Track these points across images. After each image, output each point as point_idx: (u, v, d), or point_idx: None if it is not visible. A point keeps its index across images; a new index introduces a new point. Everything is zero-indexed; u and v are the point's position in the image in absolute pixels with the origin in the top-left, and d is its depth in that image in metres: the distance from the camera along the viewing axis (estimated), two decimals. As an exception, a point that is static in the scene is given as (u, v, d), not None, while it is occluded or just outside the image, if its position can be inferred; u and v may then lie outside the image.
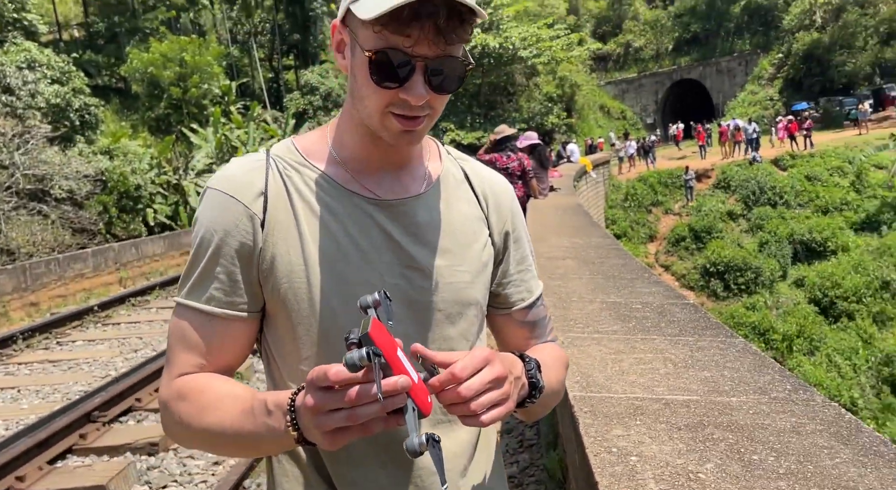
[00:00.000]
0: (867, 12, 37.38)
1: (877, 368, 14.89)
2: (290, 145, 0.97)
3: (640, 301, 3.31)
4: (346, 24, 0.88)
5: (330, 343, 0.89)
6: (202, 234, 0.90)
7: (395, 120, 0.86)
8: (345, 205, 0.92)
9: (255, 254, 0.89)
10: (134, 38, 34.39)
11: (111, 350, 7.31)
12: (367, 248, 0.91)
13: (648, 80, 47.42)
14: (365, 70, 0.84)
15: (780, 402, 1.90)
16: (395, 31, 0.80)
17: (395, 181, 0.96)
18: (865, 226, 20.53)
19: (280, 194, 0.91)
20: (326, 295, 0.89)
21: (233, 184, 0.90)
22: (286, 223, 0.90)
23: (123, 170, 18.89)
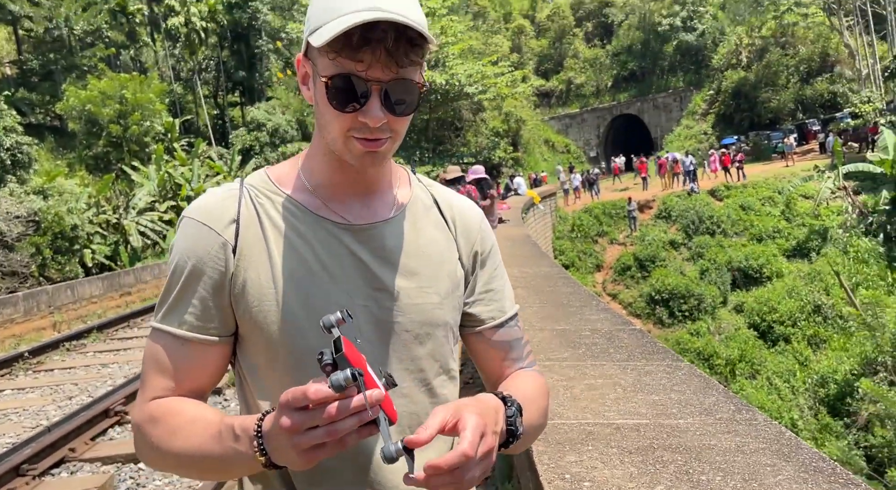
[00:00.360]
0: (788, 53, 39.92)
1: (813, 390, 15.42)
2: (263, 175, 1.01)
3: (589, 328, 3.36)
4: (308, 57, 0.92)
5: (301, 363, 0.91)
6: (177, 261, 0.94)
7: (357, 143, 0.89)
8: (314, 230, 0.95)
9: (227, 279, 0.93)
10: (71, 75, 33.52)
11: (43, 398, 6.91)
12: (336, 271, 0.94)
13: (590, 115, 49.11)
14: (324, 96, 0.88)
15: (725, 423, 1.94)
16: (348, 57, 0.84)
17: (364, 207, 0.99)
18: (796, 252, 21.53)
19: (252, 221, 0.95)
20: (296, 317, 0.91)
21: (206, 212, 0.94)
22: (257, 248, 0.93)
23: (58, 210, 18.17)
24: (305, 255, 0.94)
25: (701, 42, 45.43)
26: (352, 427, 0.72)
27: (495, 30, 50.17)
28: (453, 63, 34.53)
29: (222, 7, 38.73)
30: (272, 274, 0.93)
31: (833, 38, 38.28)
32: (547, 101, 51.41)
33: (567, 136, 49.26)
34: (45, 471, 4.73)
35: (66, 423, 5.48)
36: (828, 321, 17.94)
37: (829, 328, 17.69)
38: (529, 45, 52.52)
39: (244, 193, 0.97)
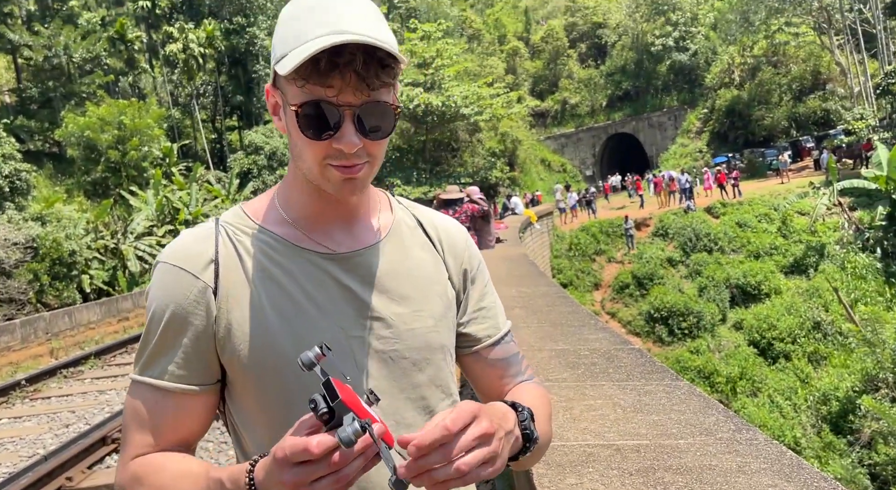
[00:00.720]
0: (780, 71, 40.40)
1: (815, 407, 15.33)
2: (238, 211, 0.98)
3: (587, 347, 3.36)
4: (277, 87, 0.89)
5: (297, 406, 0.85)
6: (154, 308, 0.90)
7: (334, 170, 0.86)
8: (298, 262, 0.92)
9: (209, 324, 0.89)
10: (69, 102, 33.77)
11: (40, 426, 6.85)
12: (325, 304, 0.91)
13: (586, 135, 49.50)
14: (295, 126, 0.85)
15: (726, 443, 1.94)
16: (317, 83, 0.82)
17: (347, 234, 0.97)
18: (794, 269, 21.54)
19: (231, 260, 0.91)
20: (288, 357, 0.86)
21: (181, 255, 0.90)
22: (240, 288, 0.89)
23: (57, 235, 18.19)
24: (291, 290, 0.90)
25: (694, 61, 46.00)
26: (359, 467, 0.69)
27: (490, 52, 50.81)
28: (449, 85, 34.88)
29: (220, 33, 39.19)
30: (258, 313, 0.88)
31: (824, 57, 38.77)
32: (542, 121, 51.86)
33: (563, 156, 49.60)
34: (41, 500, 4.68)
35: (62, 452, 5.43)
36: (828, 338, 17.90)
37: (830, 345, 17.65)
38: (524, 67, 53.12)
39: (220, 232, 0.93)
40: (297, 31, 0.84)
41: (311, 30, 0.82)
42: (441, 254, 1.04)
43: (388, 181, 34.31)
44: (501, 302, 1.13)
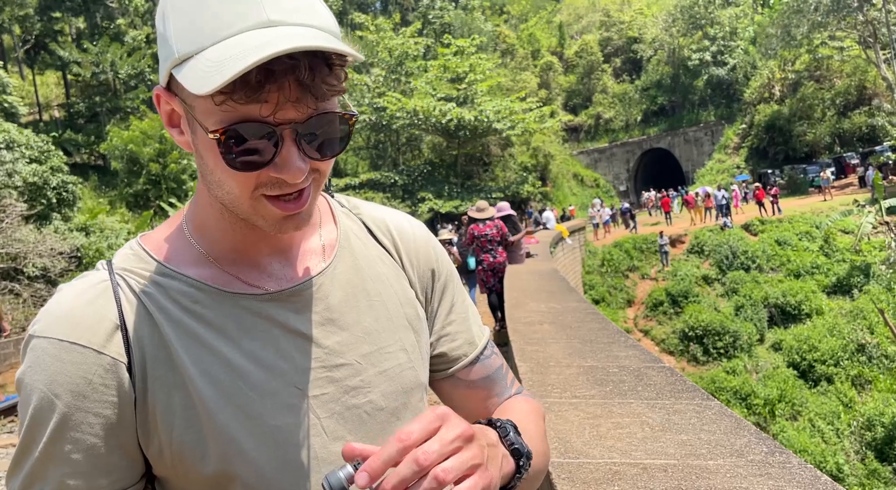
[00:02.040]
0: (823, 86, 39.55)
1: (859, 433, 14.81)
2: (138, 251, 0.73)
3: (616, 365, 3.32)
4: (173, 91, 0.67)
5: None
6: (35, 403, 0.64)
7: (270, 205, 0.66)
8: (229, 313, 0.71)
9: (126, 412, 0.66)
10: (114, 117, 35.01)
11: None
12: (274, 362, 0.70)
13: (619, 150, 49.13)
14: (214, 152, 0.63)
15: (757, 465, 1.89)
16: (245, 100, 0.60)
17: (286, 265, 0.76)
18: (837, 289, 20.92)
19: (141, 322, 0.68)
20: (234, 440, 0.67)
21: (70, 324, 0.65)
22: (158, 360, 0.67)
23: (100, 245, 18.77)
24: (224, 351, 0.69)
25: (732, 76, 45.38)
26: None
27: (523, 67, 50.92)
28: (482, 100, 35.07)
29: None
30: (188, 390, 0.67)
31: (870, 71, 37.85)
32: (575, 136, 51.68)
33: (596, 171, 49.28)
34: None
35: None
36: (872, 361, 17.30)
37: (875, 368, 17.06)
38: (558, 81, 53.09)
39: (119, 284, 0.69)
40: (203, 21, 0.61)
41: (226, 21, 0.60)
42: (399, 262, 0.85)
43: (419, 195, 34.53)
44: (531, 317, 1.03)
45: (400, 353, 0.79)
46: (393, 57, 38.65)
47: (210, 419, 0.67)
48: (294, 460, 0.69)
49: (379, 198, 34.35)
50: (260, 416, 0.68)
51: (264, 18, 0.60)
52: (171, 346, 0.68)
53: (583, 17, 59.51)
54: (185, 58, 0.62)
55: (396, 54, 38.18)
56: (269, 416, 0.68)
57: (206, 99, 0.61)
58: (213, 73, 0.58)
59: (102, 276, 0.70)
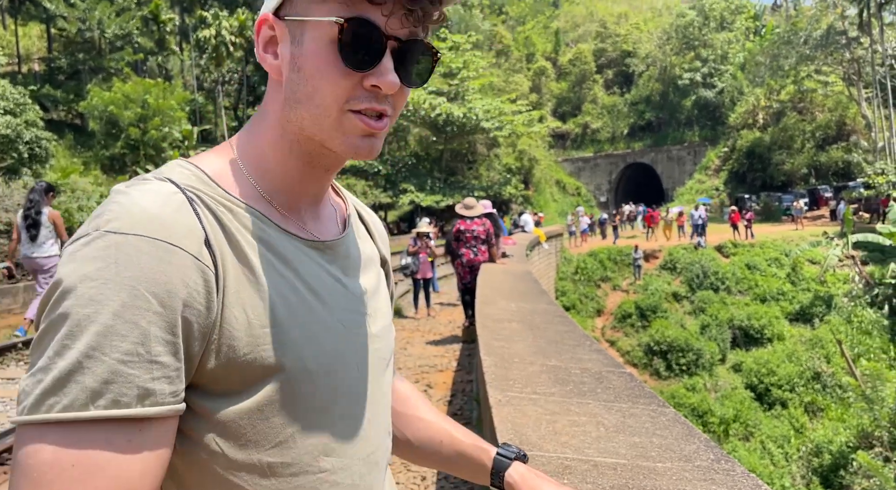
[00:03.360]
0: (805, 118, 40.37)
1: (807, 458, 15.18)
2: (199, 174, 0.72)
3: (579, 366, 3.35)
4: (281, 16, 0.71)
5: (309, 417, 0.72)
6: (123, 300, 0.59)
7: (356, 119, 0.70)
8: (289, 249, 0.74)
9: (208, 321, 0.65)
10: (97, 76, 34.23)
11: (29, 390, 6.89)
12: (325, 295, 0.75)
13: (604, 161, 49.58)
14: (325, 53, 0.68)
15: (703, 471, 1.93)
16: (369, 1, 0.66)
17: (317, 220, 0.81)
18: (799, 316, 21.39)
19: (219, 238, 0.68)
20: (301, 358, 0.70)
21: (164, 226, 0.63)
22: (241, 276, 0.68)
23: (69, 206, 18.36)
24: (292, 279, 0.72)
25: (719, 99, 46.07)
26: None
27: (517, 69, 51.07)
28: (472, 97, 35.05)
29: (252, 23, 39.66)
30: (265, 308, 0.69)
31: (851, 108, 38.72)
32: (562, 143, 52.00)
33: (579, 179, 49.67)
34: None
35: (48, 417, 5.43)
36: (826, 389, 17.73)
37: (828, 397, 17.49)
38: (549, 87, 53.34)
39: (194, 200, 0.68)
40: None
41: None
42: (376, 244, 0.94)
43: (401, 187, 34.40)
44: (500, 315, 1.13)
45: (386, 317, 0.88)
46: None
47: (284, 336, 0.69)
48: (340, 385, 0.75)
49: (361, 186, 34.13)
50: (320, 340, 0.73)
51: None
52: (250, 265, 0.69)
53: (580, 25, 59.85)
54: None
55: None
56: (325, 342, 0.74)
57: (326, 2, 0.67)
58: None
59: (172, 188, 0.67)
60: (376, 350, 0.83)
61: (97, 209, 0.65)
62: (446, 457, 0.98)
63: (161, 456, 0.62)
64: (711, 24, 48.69)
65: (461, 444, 0.97)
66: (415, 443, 0.99)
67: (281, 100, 0.73)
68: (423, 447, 0.99)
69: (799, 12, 50.02)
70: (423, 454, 1.00)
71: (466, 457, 0.96)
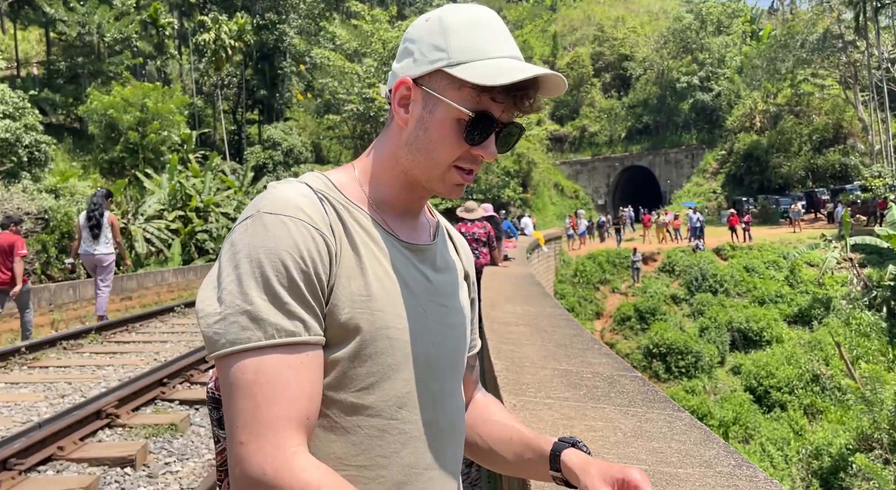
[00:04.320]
0: (802, 121, 40.49)
1: (807, 461, 15.21)
2: (326, 182, 0.95)
3: (590, 370, 3.38)
4: (421, 84, 0.92)
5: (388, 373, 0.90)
6: (283, 258, 0.83)
7: (456, 173, 0.94)
8: (388, 246, 0.94)
9: (329, 281, 0.87)
10: (96, 80, 34.16)
11: (35, 394, 6.87)
12: (413, 286, 0.95)
13: (601, 164, 49.62)
14: (451, 127, 0.91)
15: (726, 477, 1.95)
16: (494, 99, 0.89)
17: (413, 229, 1.01)
18: (798, 319, 21.45)
19: (339, 229, 0.91)
20: (386, 326, 0.90)
21: (307, 213, 0.87)
22: (351, 257, 0.90)
23: (68, 209, 18.32)
24: (388, 267, 0.93)
25: (716, 102, 46.17)
26: None
27: (516, 73, 51.03)
28: (472, 101, 35.10)
29: (251, 27, 39.67)
30: (365, 284, 0.89)
31: (848, 111, 38.85)
32: (560, 146, 52.04)
33: (577, 182, 49.70)
34: (31, 467, 4.69)
35: (56, 421, 5.44)
36: (826, 392, 17.78)
37: (827, 399, 17.53)
38: (547, 91, 53.35)
39: (323, 200, 0.92)
40: (478, 44, 0.90)
41: (492, 47, 0.90)
42: (462, 262, 1.12)
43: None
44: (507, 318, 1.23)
45: (465, 317, 1.06)
46: (386, 49, 38.48)
47: (377, 307, 0.89)
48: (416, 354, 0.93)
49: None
50: (403, 316, 0.92)
51: (515, 53, 0.92)
52: (358, 251, 0.91)
53: (577, 29, 59.97)
54: (460, 63, 0.89)
55: (390, 47, 38.03)
56: (408, 318, 0.92)
57: (463, 90, 0.89)
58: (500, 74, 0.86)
59: (307, 189, 0.91)
60: (451, 337, 1.00)
61: (256, 198, 0.90)
62: (515, 452, 1.08)
63: (321, 373, 0.85)
64: (708, 28, 48.82)
65: (525, 436, 1.08)
66: (490, 444, 1.12)
67: (399, 141, 0.96)
68: (497, 447, 1.11)
69: (795, 16, 50.21)
70: (495, 455, 1.11)
71: (531, 447, 1.06)
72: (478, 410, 1.15)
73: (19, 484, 4.44)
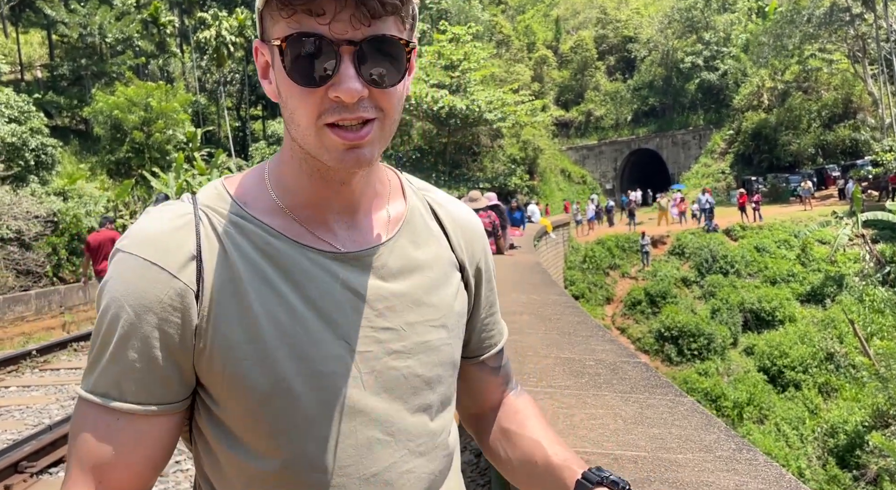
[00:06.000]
0: (810, 97, 39.97)
1: (822, 439, 15.15)
2: (221, 192, 0.78)
3: (593, 358, 3.35)
4: (266, 40, 0.72)
5: (290, 435, 0.74)
6: (112, 312, 0.71)
7: (332, 134, 0.70)
8: (298, 263, 0.76)
9: (187, 335, 0.72)
10: (99, 81, 34.26)
11: (47, 397, 6.94)
12: (329, 312, 0.76)
13: (608, 148, 49.30)
14: (281, 71, 0.69)
15: (725, 461, 1.92)
16: (305, 11, 0.66)
17: (353, 229, 0.81)
18: (810, 298, 21.28)
19: (216, 257, 0.73)
20: (284, 377, 0.73)
21: (153, 246, 0.71)
22: (226, 293, 0.73)
23: (77, 211, 18.45)
24: (290, 297, 0.74)
25: (723, 82, 45.66)
26: None
27: (518, 58, 50.74)
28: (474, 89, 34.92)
29: (252, 23, 39.59)
30: (251, 324, 0.72)
31: (857, 86, 38.30)
32: (566, 132, 51.72)
33: (584, 168, 49.43)
34: (43, 469, 4.74)
35: (67, 423, 5.49)
36: (840, 370, 17.66)
37: (841, 377, 17.42)
38: (551, 76, 53.02)
39: (202, 219, 0.75)
40: None
41: None
42: (455, 249, 0.90)
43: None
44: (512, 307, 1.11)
45: (442, 330, 0.84)
46: (387, 40, 38.26)
47: (265, 355, 0.73)
48: (333, 404, 0.75)
49: (365, 181, 34.07)
50: (310, 359, 0.74)
51: None
52: (240, 282, 0.73)
53: (580, 12, 59.39)
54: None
55: (391, 37, 37.84)
56: (318, 361, 0.74)
57: (277, 19, 0.68)
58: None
59: (187, 208, 0.75)
60: (405, 364, 0.80)
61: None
62: (538, 477, 0.90)
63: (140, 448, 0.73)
64: (713, 6, 48.18)
65: (551, 462, 0.89)
66: (513, 460, 0.94)
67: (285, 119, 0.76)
68: (519, 465, 0.93)
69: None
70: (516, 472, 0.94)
71: (554, 477, 0.87)
72: (506, 418, 0.97)
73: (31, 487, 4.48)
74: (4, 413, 6.47)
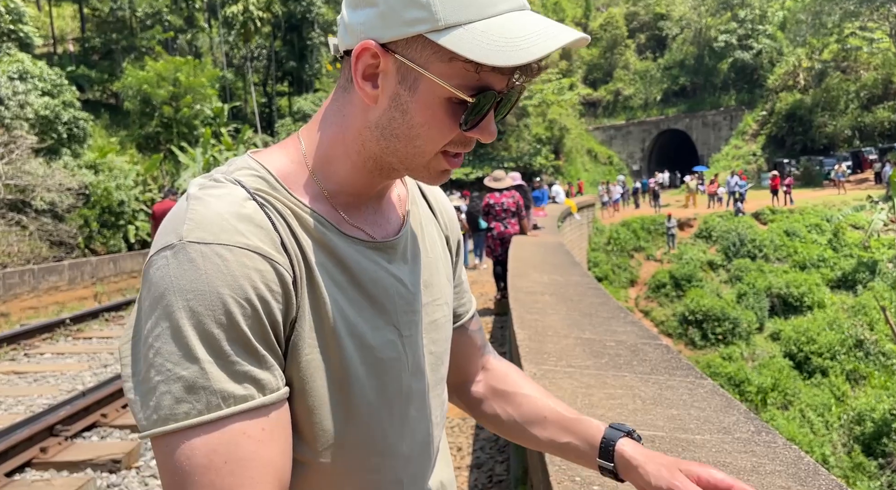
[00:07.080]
0: (849, 77, 38.76)
1: (848, 426, 14.97)
2: (265, 175, 0.74)
3: (614, 339, 3.35)
4: (393, 51, 0.69)
5: (355, 423, 0.75)
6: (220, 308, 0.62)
7: (444, 159, 0.74)
8: (349, 254, 0.76)
9: (289, 319, 0.69)
10: (129, 55, 34.62)
11: (80, 364, 7.17)
12: (381, 300, 0.77)
13: (636, 128, 48.51)
14: (440, 109, 0.69)
15: (743, 443, 1.92)
16: (501, 73, 0.68)
17: (379, 217, 0.82)
18: (841, 283, 20.86)
19: (292, 243, 0.71)
20: (353, 364, 0.73)
21: (246, 234, 0.66)
22: (305, 281, 0.71)
23: (108, 185, 18.80)
24: (347, 286, 0.75)
25: (757, 61, 44.46)
26: None
27: (547, 36, 49.88)
28: (502, 67, 34.61)
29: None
30: (324, 315, 0.72)
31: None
32: (593, 111, 50.99)
33: (611, 148, 48.76)
34: (77, 433, 4.92)
35: (100, 390, 5.67)
36: (869, 357, 17.36)
37: (871, 364, 17.13)
38: (580, 54, 52.15)
39: (265, 205, 0.70)
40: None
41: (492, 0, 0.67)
42: (442, 227, 0.95)
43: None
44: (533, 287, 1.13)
45: (444, 306, 0.89)
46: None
47: (339, 344, 0.73)
48: (390, 389, 0.78)
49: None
50: (372, 347, 0.76)
51: (521, 2, 0.69)
52: (312, 271, 0.72)
53: (611, -12, 58.10)
54: (449, 27, 0.66)
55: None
56: (377, 349, 0.76)
57: (451, 64, 0.67)
58: (511, 49, 0.64)
59: (243, 193, 0.69)
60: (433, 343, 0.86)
61: (175, 213, 0.68)
62: (550, 433, 0.95)
63: (288, 435, 0.68)
64: (749, -18, 46.82)
65: (564, 417, 0.94)
66: (519, 421, 0.98)
67: (366, 121, 0.74)
68: (527, 424, 0.97)
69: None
70: (527, 433, 0.98)
71: (572, 431, 0.92)
72: (496, 380, 1.03)
73: (65, 449, 4.65)
74: (40, 378, 6.70)
